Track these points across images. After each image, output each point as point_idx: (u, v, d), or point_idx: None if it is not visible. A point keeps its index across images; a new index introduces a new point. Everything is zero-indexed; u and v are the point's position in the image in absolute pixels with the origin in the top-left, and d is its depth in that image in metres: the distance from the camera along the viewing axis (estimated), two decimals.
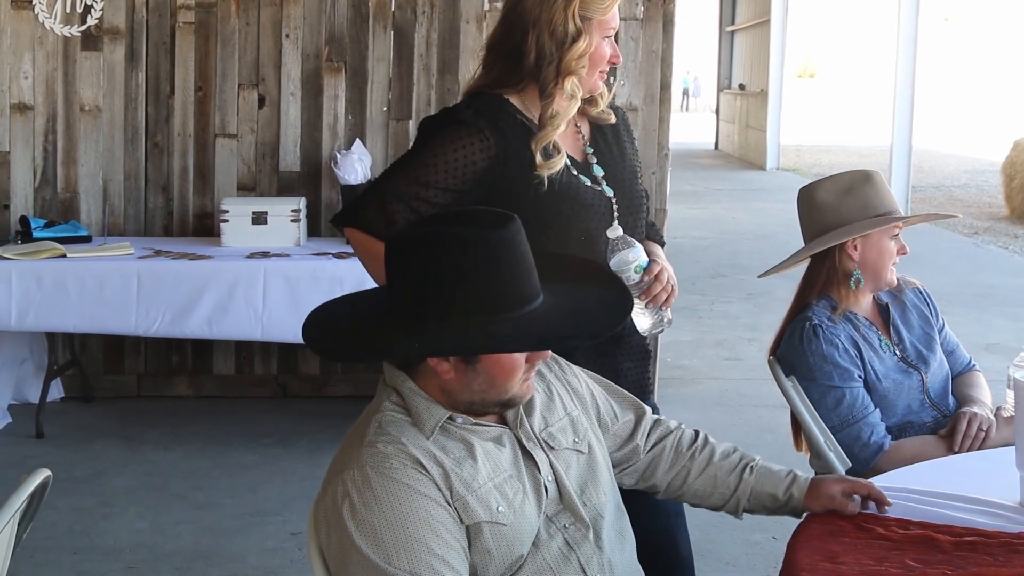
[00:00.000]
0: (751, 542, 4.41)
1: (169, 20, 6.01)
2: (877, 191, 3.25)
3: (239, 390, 6.16)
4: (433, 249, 2.03)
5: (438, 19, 6.02)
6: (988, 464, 2.75)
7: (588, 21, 2.65)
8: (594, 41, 2.66)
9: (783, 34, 21.01)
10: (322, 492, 2.06)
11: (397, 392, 2.11)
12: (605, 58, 2.70)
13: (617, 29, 2.74)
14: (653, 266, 2.68)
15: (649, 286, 2.66)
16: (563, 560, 2.12)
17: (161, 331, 5.28)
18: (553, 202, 2.64)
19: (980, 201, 16.33)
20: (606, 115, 2.82)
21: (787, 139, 22.33)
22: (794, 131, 25.36)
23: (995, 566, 2.13)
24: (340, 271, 5.28)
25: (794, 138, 25.00)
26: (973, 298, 9.28)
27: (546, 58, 2.64)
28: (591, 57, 2.67)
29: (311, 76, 6.06)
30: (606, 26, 2.68)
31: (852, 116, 36.01)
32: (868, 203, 3.22)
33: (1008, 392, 3.04)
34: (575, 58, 2.64)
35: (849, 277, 3.23)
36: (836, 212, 3.23)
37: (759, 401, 6.19)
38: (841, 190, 3.26)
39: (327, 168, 6.00)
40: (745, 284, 9.55)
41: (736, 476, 2.43)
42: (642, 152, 5.73)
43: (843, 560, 2.16)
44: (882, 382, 3.18)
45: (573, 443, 2.25)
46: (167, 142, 6.05)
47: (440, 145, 2.65)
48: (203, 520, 4.66)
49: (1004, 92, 39.05)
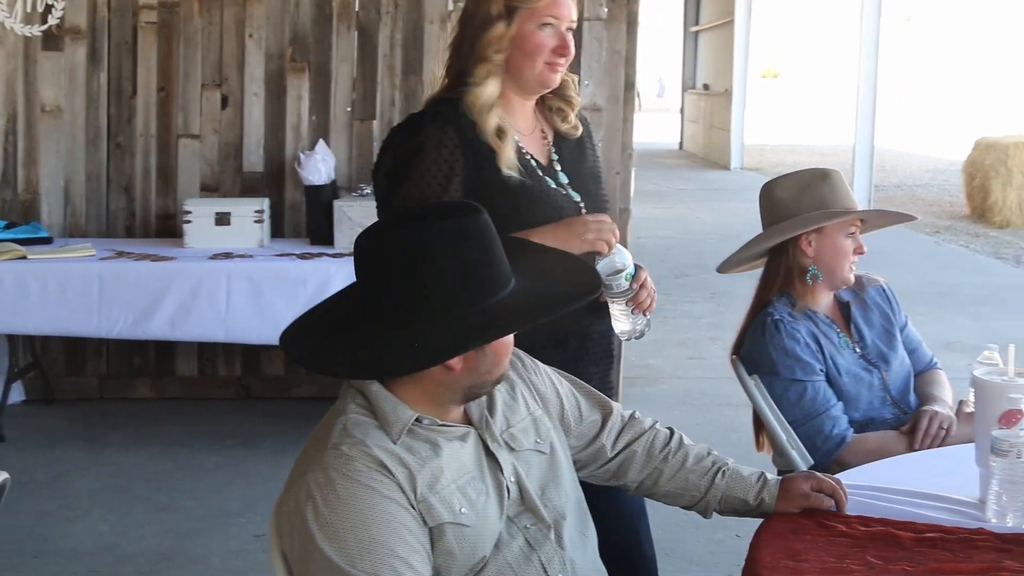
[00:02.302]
0: (715, 540, 4.43)
1: (131, 20, 5.98)
2: (833, 189, 3.27)
3: (202, 392, 6.13)
4: (429, 248, 2.01)
5: (402, 19, 6.01)
6: (948, 461, 2.78)
7: (515, 10, 2.64)
8: (516, 29, 2.64)
9: (747, 34, 21.07)
10: (285, 494, 2.05)
11: (362, 394, 2.09)
12: (544, 47, 2.68)
13: (565, 20, 2.71)
14: (640, 273, 2.68)
15: (636, 293, 2.67)
16: (524, 560, 2.12)
17: (123, 333, 5.25)
18: (526, 205, 2.64)
19: (942, 200, 16.44)
20: (574, 131, 2.83)
21: (751, 139, 22.38)
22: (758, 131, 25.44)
23: (954, 562, 2.14)
24: (304, 272, 5.26)
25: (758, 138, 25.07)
26: (934, 297, 9.34)
27: (464, 45, 2.66)
28: (522, 45, 2.65)
29: (274, 76, 6.03)
30: (539, 14, 2.65)
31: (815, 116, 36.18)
32: (824, 200, 3.24)
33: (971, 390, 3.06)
34: (488, 43, 2.63)
35: (805, 273, 3.25)
36: (792, 208, 3.25)
37: (723, 400, 6.21)
38: (798, 187, 3.28)
39: (291, 169, 5.98)
40: (709, 284, 9.58)
41: (708, 480, 2.43)
42: (606, 152, 5.76)
43: (805, 558, 2.17)
44: (843, 377, 3.20)
45: (535, 444, 2.25)
46: (129, 143, 6.02)
47: (421, 168, 2.64)
48: (166, 522, 4.63)
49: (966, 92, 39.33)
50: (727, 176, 19.98)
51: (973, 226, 13.84)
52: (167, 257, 5.39)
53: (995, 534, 2.24)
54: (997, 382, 2.48)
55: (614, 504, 2.68)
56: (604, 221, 2.65)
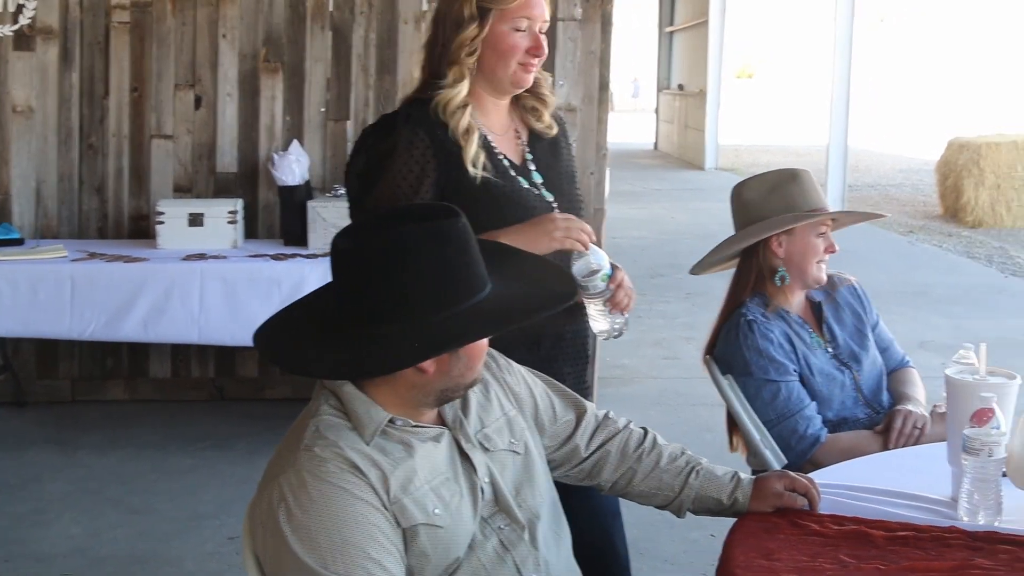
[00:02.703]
0: (689, 540, 4.43)
1: (103, 20, 5.94)
2: (802, 189, 3.27)
3: (176, 393, 6.10)
4: (406, 250, 2.00)
5: (376, 19, 6.00)
6: (921, 460, 2.79)
7: (488, 11, 2.64)
8: (488, 30, 2.65)
9: (721, 35, 21.13)
10: (257, 496, 2.05)
11: (335, 395, 2.09)
12: (518, 48, 2.68)
13: (538, 20, 2.71)
14: (617, 273, 2.68)
15: (613, 294, 2.67)
16: (498, 561, 2.12)
17: (96, 335, 5.22)
18: (498, 206, 2.64)
19: (915, 200, 16.51)
20: (549, 130, 2.83)
21: (726, 139, 22.45)
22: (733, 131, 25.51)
23: (927, 560, 2.15)
24: (277, 273, 5.24)
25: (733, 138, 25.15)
26: (908, 296, 9.38)
27: (439, 47, 2.66)
28: (495, 46, 2.65)
29: (248, 76, 6.01)
30: (511, 15, 2.66)
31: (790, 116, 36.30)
32: (793, 201, 3.24)
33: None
34: (461, 45, 2.63)
35: (774, 274, 3.25)
36: (761, 210, 3.26)
37: (697, 400, 6.22)
38: (767, 188, 3.29)
39: (264, 169, 5.96)
40: (683, 284, 9.58)
41: (681, 480, 2.44)
42: (580, 152, 5.76)
43: (778, 557, 2.17)
44: (816, 377, 3.21)
45: (509, 444, 2.25)
46: (102, 143, 5.99)
47: (393, 170, 2.63)
48: (139, 525, 4.61)
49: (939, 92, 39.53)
50: (702, 176, 20.03)
51: (946, 226, 13.91)
52: (140, 258, 5.36)
53: (967, 532, 2.25)
54: (969, 381, 2.49)
55: (588, 504, 2.68)
56: (573, 220, 2.64)
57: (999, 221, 13.84)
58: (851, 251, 3.41)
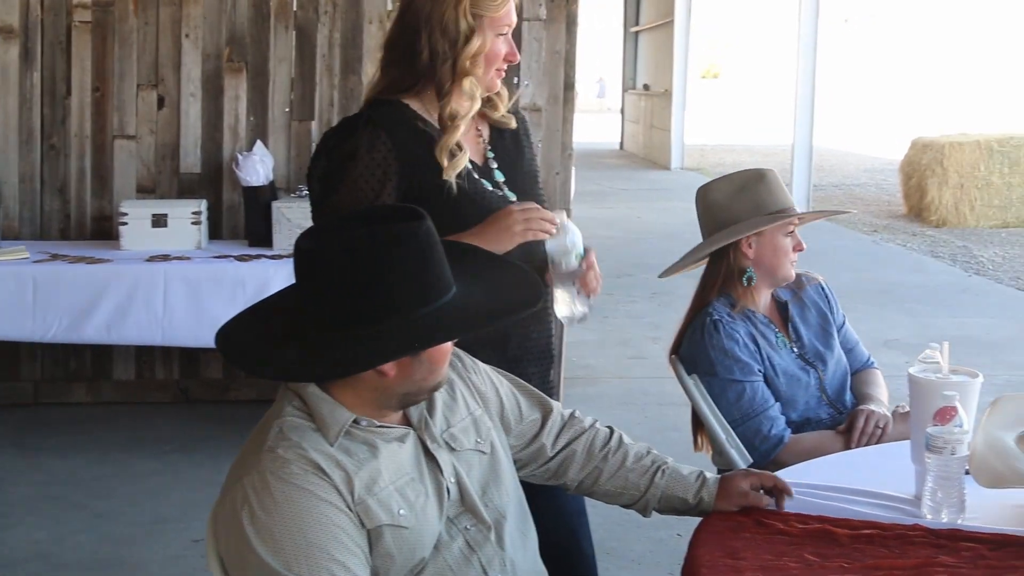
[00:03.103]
0: (656, 539, 4.44)
1: (65, 19, 5.90)
2: (770, 189, 3.28)
3: (140, 395, 6.06)
4: (365, 252, 1.98)
5: (340, 19, 5.98)
6: (884, 458, 2.80)
7: (480, 18, 2.63)
8: (488, 39, 2.65)
9: (686, 35, 21.20)
10: (221, 498, 2.03)
11: (299, 396, 2.08)
12: (500, 56, 2.69)
13: (513, 26, 2.72)
14: (590, 254, 2.67)
15: (584, 274, 2.66)
16: (464, 561, 2.12)
17: (59, 337, 5.18)
18: (459, 207, 2.63)
19: (879, 199, 16.61)
20: (507, 120, 2.81)
21: (691, 139, 22.51)
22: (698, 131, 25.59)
23: (891, 558, 2.16)
24: (242, 274, 5.21)
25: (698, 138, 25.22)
26: (873, 295, 9.43)
27: (440, 57, 2.63)
28: (486, 55, 2.65)
29: (212, 76, 5.98)
30: (499, 23, 2.66)
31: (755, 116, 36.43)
32: (760, 202, 3.25)
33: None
34: (470, 57, 2.62)
35: (743, 275, 3.26)
36: (729, 211, 3.26)
37: (664, 399, 6.23)
38: (734, 189, 3.29)
39: (228, 170, 5.93)
40: (650, 283, 9.60)
41: (647, 479, 2.44)
42: (546, 152, 5.76)
43: (743, 556, 2.18)
44: (780, 378, 3.21)
45: (475, 444, 2.24)
46: (63, 143, 5.94)
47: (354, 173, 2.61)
48: (103, 529, 4.58)
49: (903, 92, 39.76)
50: (667, 176, 20.08)
51: (910, 225, 14.00)
52: (103, 259, 5.32)
53: (930, 530, 2.26)
54: (932, 380, 2.50)
55: (554, 504, 2.67)
56: (531, 208, 2.63)
57: (963, 220, 13.94)
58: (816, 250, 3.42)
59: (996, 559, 2.16)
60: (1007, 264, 11.33)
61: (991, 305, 9.29)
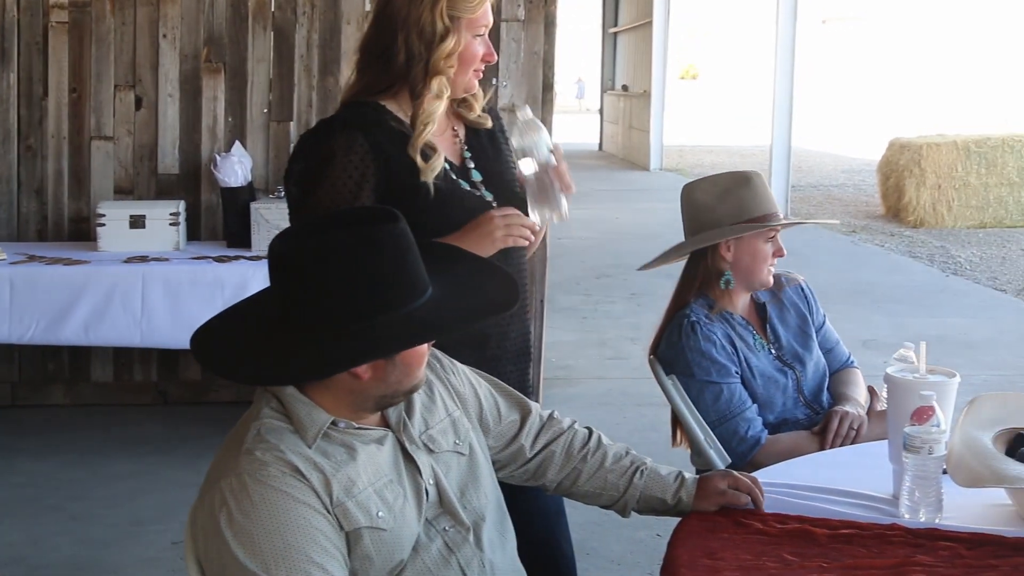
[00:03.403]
0: (635, 540, 4.45)
1: (42, 20, 5.87)
2: (754, 194, 3.27)
3: (118, 397, 6.03)
4: (336, 255, 1.98)
5: (319, 20, 5.97)
6: (862, 458, 2.81)
7: (457, 19, 2.63)
8: (463, 39, 2.64)
9: (665, 36, 21.23)
10: (199, 501, 2.02)
11: (277, 398, 2.07)
12: (477, 56, 2.68)
13: (490, 27, 2.72)
14: (558, 148, 2.66)
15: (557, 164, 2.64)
16: (443, 563, 2.11)
17: (36, 338, 5.15)
18: (437, 209, 2.62)
19: (857, 200, 16.67)
20: (483, 120, 2.81)
21: (670, 140, 22.55)
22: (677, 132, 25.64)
23: (869, 557, 2.17)
24: (220, 275, 5.20)
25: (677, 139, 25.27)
26: (851, 295, 9.46)
27: (415, 58, 2.63)
28: (461, 56, 2.65)
29: (189, 77, 5.96)
30: (476, 24, 2.66)
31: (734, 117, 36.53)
32: (744, 206, 3.24)
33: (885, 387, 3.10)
34: (443, 57, 2.62)
35: (720, 278, 3.26)
36: (712, 213, 3.26)
37: (643, 400, 6.24)
38: (718, 192, 3.29)
39: (207, 171, 5.91)
40: (628, 284, 9.62)
41: (626, 480, 2.44)
42: None
43: (722, 556, 2.18)
44: (757, 380, 3.22)
45: (454, 445, 2.24)
46: (40, 144, 5.91)
47: (331, 176, 2.60)
48: (80, 531, 4.55)
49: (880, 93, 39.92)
50: (646, 177, 20.11)
51: (888, 225, 14.05)
52: (80, 261, 5.29)
53: (908, 529, 2.27)
54: (909, 379, 2.51)
55: (532, 505, 2.67)
56: (511, 214, 2.63)
57: (940, 221, 14.01)
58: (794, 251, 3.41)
59: (973, 558, 2.16)
60: (984, 264, 11.39)
61: (969, 305, 9.34)
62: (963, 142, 14.30)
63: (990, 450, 2.38)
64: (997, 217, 14.13)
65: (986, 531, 2.27)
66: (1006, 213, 14.19)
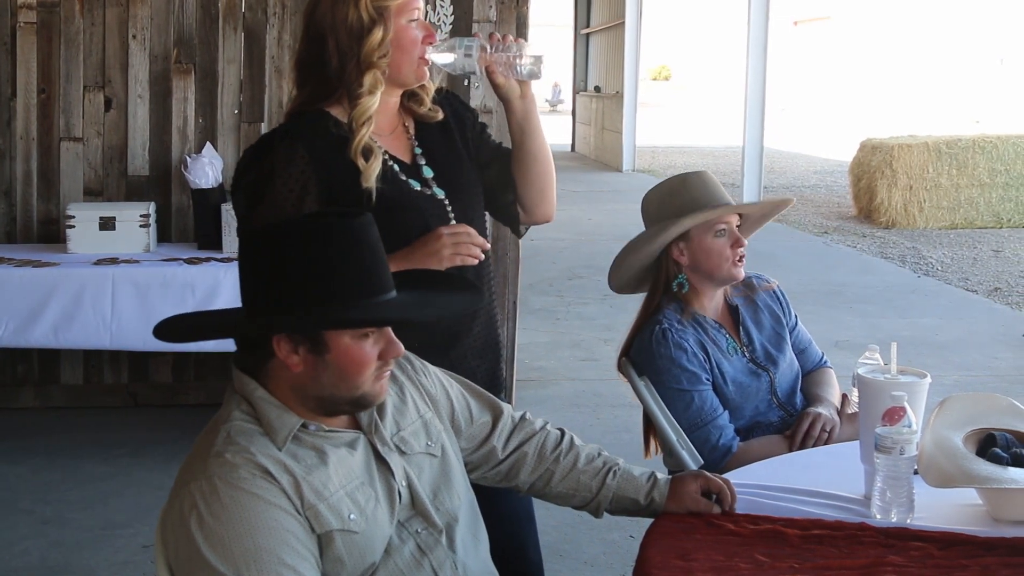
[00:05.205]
0: (608, 541, 4.44)
1: (9, 20, 5.83)
2: (692, 195, 3.23)
3: (88, 400, 5.99)
4: (286, 240, 2.02)
5: (289, 20, 5.95)
6: (834, 459, 2.81)
7: (384, 9, 2.60)
8: (392, 27, 2.62)
9: (637, 36, 21.24)
10: (169, 503, 2.02)
11: (247, 400, 2.07)
12: (417, 41, 2.65)
13: (422, 9, 2.68)
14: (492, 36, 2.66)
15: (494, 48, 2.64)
16: (415, 565, 2.11)
17: (5, 341, 5.11)
18: (386, 212, 2.59)
19: (829, 201, 16.73)
20: (433, 112, 2.79)
21: (643, 141, 22.58)
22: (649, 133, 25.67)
23: (840, 558, 2.17)
24: (191, 277, 5.17)
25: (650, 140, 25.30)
26: (823, 296, 9.50)
27: (347, 56, 2.61)
28: (399, 43, 2.62)
29: (159, 78, 5.93)
30: (407, 8, 2.63)
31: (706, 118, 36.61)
32: (683, 208, 3.20)
33: (853, 389, 3.11)
34: (373, 49, 2.60)
35: (674, 281, 3.25)
36: (657, 218, 3.25)
37: (615, 401, 6.24)
38: (661, 195, 3.28)
39: (177, 172, 5.88)
40: (601, 285, 9.54)
41: (599, 481, 2.44)
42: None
43: (694, 557, 2.18)
44: (729, 386, 3.21)
45: (426, 447, 2.24)
46: (9, 146, 5.87)
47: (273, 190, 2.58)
48: (51, 535, 4.52)
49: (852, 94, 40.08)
50: (619, 178, 20.12)
51: (860, 226, 14.11)
52: (50, 263, 5.26)
53: (879, 529, 2.28)
54: (880, 380, 2.52)
55: (500, 511, 2.66)
56: (460, 232, 2.63)
57: (912, 222, 14.07)
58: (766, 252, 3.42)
59: (944, 558, 2.17)
60: (955, 265, 11.44)
61: (940, 306, 9.38)
62: (934, 143, 14.37)
63: (961, 450, 2.39)
64: (968, 218, 14.20)
65: (957, 531, 2.28)
66: (977, 214, 14.27)
